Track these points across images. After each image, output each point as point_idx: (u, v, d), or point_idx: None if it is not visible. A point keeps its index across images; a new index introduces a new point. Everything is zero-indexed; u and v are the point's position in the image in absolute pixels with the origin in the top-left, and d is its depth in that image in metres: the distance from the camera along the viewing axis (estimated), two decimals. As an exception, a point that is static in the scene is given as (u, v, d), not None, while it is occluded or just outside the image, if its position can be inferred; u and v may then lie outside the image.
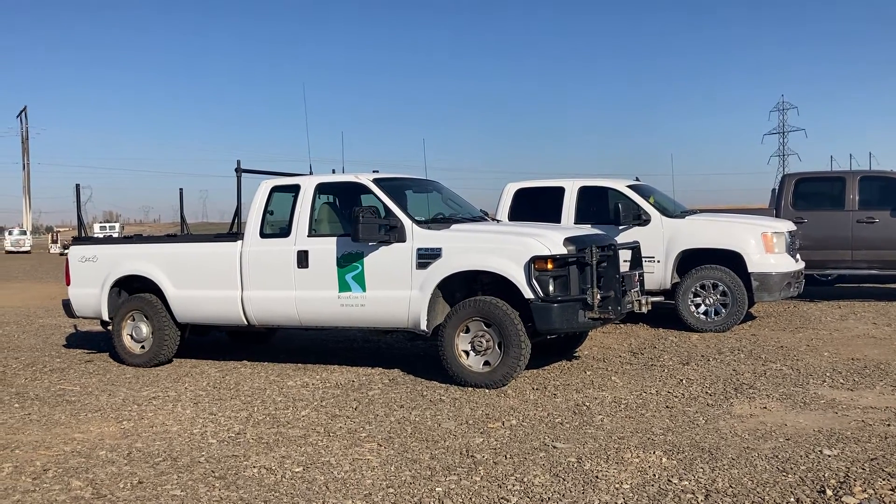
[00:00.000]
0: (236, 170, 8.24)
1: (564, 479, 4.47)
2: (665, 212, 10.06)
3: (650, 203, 10.09)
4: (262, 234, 7.87)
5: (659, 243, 9.83)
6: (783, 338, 9.01)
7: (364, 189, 7.65)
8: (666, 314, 10.28)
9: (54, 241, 54.80)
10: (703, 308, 9.64)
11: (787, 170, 72.05)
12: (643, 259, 9.71)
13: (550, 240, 6.79)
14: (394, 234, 7.11)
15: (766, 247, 9.59)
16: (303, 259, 7.52)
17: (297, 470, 4.80)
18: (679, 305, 9.69)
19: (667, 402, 6.20)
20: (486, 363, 6.83)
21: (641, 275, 7.86)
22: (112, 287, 8.60)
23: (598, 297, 6.77)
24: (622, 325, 10.09)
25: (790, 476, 4.40)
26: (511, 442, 5.24)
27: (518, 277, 6.68)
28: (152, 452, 5.23)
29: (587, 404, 6.18)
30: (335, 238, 7.45)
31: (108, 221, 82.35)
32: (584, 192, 10.40)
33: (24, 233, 58.83)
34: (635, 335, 9.46)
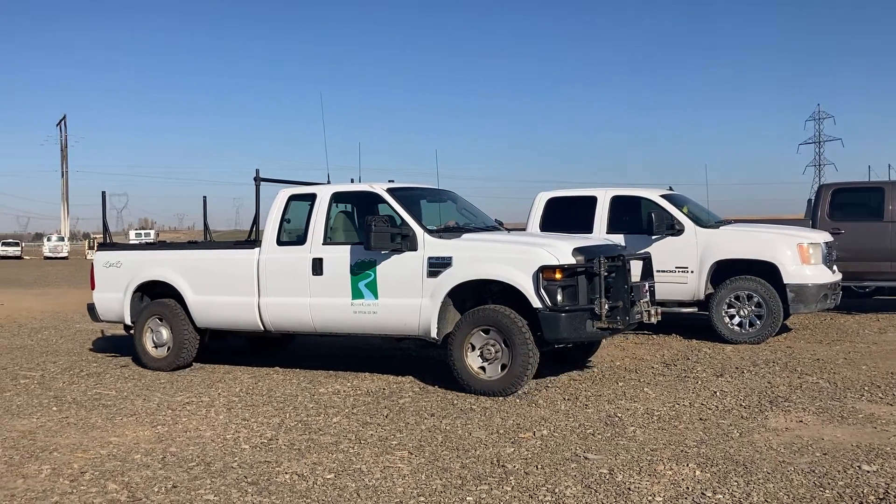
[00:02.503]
0: (255, 178, 8.45)
1: (596, 491, 4.44)
2: (699, 222, 9.95)
3: (684, 213, 10.00)
4: (279, 242, 8.00)
5: (693, 253, 9.73)
6: (819, 350, 8.86)
7: (378, 198, 7.69)
8: (699, 325, 10.18)
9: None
10: (737, 319, 9.51)
11: (824, 180, 70.82)
12: (677, 269, 9.68)
13: (559, 250, 6.81)
14: (405, 242, 7.18)
15: (803, 258, 9.45)
16: (317, 266, 7.64)
17: (328, 477, 4.82)
18: (713, 316, 9.58)
19: (700, 413, 6.13)
20: (494, 371, 6.88)
21: (652, 285, 7.78)
22: (135, 292, 8.79)
23: (607, 307, 6.76)
24: (654, 336, 10.01)
25: (827, 491, 4.33)
26: (542, 452, 5.22)
27: (526, 286, 6.71)
28: (186, 457, 5.28)
29: (619, 415, 6.13)
30: (349, 246, 7.56)
31: (143, 228, 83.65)
32: (617, 202, 10.34)
33: (62, 239, 59.95)
34: (668, 346, 9.37)
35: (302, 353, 9.49)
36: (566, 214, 10.54)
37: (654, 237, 9.80)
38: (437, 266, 7.09)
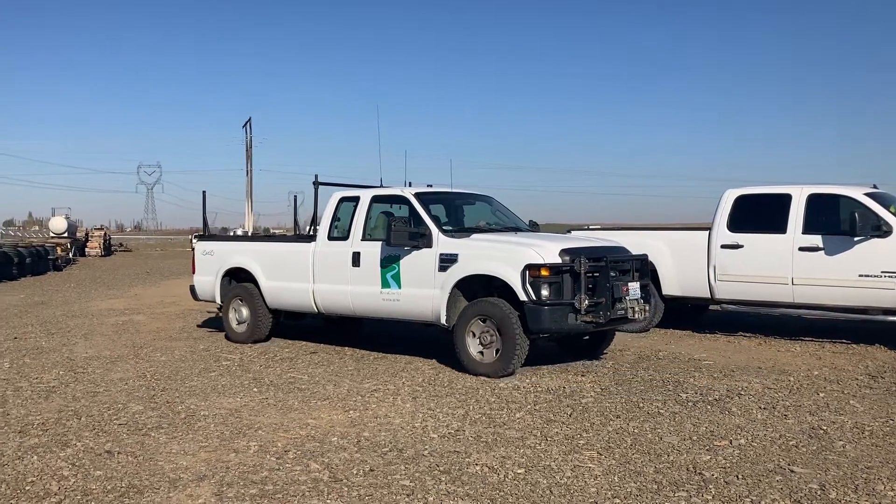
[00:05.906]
0: (314, 183, 9.93)
1: (808, 507, 4.14)
2: (909, 223, 9.08)
3: (891, 212, 9.17)
4: (330, 237, 9.28)
5: (902, 257, 8.89)
6: None
7: (406, 201, 8.77)
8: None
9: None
10: (954, 331, 8.61)
11: None
12: (883, 274, 8.94)
13: (546, 250, 7.56)
14: (423, 240, 8.20)
15: None
16: (356, 259, 8.83)
17: (518, 471, 4.81)
18: (925, 327, 8.72)
19: (919, 432, 5.58)
20: (490, 355, 7.69)
21: (645, 284, 8.15)
22: (223, 276, 10.34)
23: (586, 302, 7.39)
24: (854, 346, 9.28)
25: None
26: (741, 462, 4.95)
27: (515, 282, 7.50)
28: (379, 442, 5.46)
29: (824, 428, 5.70)
30: (381, 242, 8.62)
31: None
32: (814, 200, 9.61)
33: (246, 233, 64.09)
34: (871, 357, 8.63)
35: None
36: (756, 213, 9.93)
37: (856, 238, 9.06)
38: (446, 262, 8.05)
